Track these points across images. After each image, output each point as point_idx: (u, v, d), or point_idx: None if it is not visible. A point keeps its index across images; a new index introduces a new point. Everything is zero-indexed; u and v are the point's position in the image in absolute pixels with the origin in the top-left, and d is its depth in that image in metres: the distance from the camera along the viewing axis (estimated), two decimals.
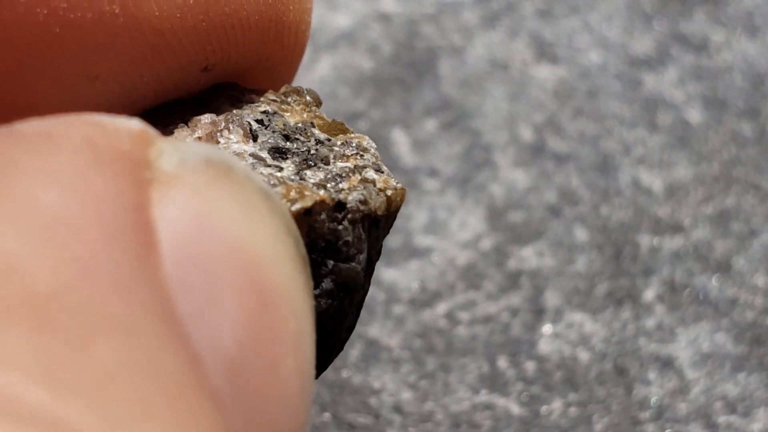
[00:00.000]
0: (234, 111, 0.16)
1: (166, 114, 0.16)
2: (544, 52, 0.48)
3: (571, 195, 0.42)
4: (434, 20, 0.50)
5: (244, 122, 0.15)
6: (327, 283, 0.15)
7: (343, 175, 0.15)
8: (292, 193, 0.14)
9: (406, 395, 0.35)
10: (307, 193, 0.14)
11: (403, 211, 0.41)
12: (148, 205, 0.11)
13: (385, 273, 0.39)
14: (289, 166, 0.15)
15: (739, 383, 0.36)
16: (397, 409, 0.35)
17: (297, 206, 0.14)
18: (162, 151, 0.12)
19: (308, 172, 0.15)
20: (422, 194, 0.42)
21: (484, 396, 0.35)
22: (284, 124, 0.16)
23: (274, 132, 0.16)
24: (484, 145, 0.44)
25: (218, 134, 0.15)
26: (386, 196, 0.15)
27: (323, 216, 0.14)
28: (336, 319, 0.16)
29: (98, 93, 0.15)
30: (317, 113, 0.17)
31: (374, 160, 0.16)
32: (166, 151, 0.12)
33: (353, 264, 0.15)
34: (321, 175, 0.15)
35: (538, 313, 0.38)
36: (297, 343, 0.12)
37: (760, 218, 0.41)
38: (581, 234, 0.40)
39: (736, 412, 0.35)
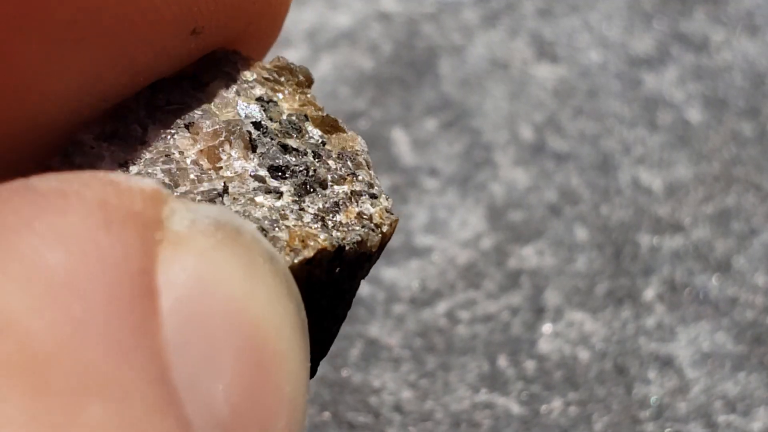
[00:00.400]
0: (230, 119, 0.16)
1: (166, 102, 0.16)
2: (545, 51, 0.48)
3: (572, 194, 0.42)
4: (434, 20, 0.50)
5: (244, 132, 0.15)
6: (319, 319, 0.15)
7: (341, 203, 0.15)
8: (296, 242, 0.14)
9: (406, 394, 0.35)
10: (310, 242, 0.14)
11: (403, 210, 0.41)
12: (154, 269, 0.11)
13: (385, 272, 0.39)
14: (288, 190, 0.15)
15: (739, 382, 0.36)
16: (397, 408, 0.35)
17: (300, 257, 0.14)
18: (174, 211, 0.12)
19: (307, 200, 0.15)
20: (422, 193, 0.42)
21: (484, 395, 0.35)
22: (280, 123, 0.16)
23: (272, 139, 0.16)
24: (484, 144, 0.44)
25: (220, 149, 0.15)
26: (382, 233, 0.16)
27: (324, 262, 0.15)
28: (326, 344, 0.16)
29: (85, 57, 0.14)
30: (308, 96, 0.17)
31: (368, 177, 0.16)
32: (178, 211, 0.12)
33: (343, 300, 0.16)
34: (319, 203, 0.15)
35: (538, 312, 0.38)
36: (290, 407, 0.12)
37: (761, 218, 0.41)
38: (581, 233, 0.41)
39: (736, 411, 0.35)
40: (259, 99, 0.17)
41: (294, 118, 0.16)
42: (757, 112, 0.46)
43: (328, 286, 0.15)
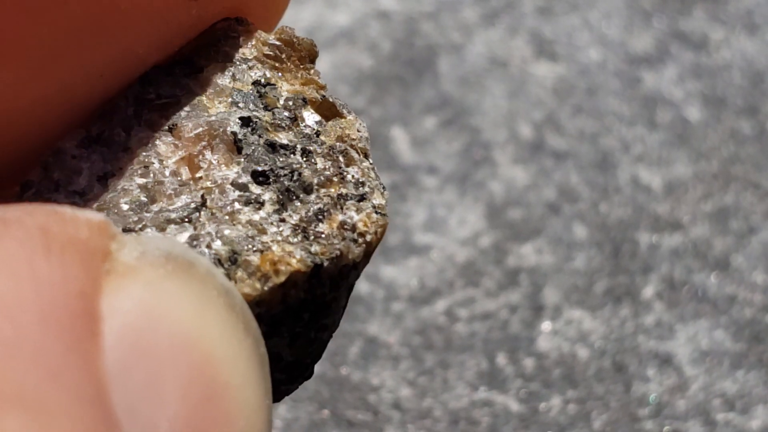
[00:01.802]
0: (215, 117, 0.15)
1: (156, 96, 0.15)
2: (544, 49, 0.48)
3: (571, 192, 0.42)
4: (433, 18, 0.50)
5: (228, 134, 0.15)
6: (303, 331, 0.15)
7: (325, 210, 0.15)
8: (267, 267, 0.14)
9: (405, 392, 0.35)
10: (281, 267, 0.14)
11: (402, 208, 0.41)
12: (98, 295, 0.11)
13: (384, 270, 0.39)
14: (270, 198, 0.15)
15: (738, 380, 0.36)
16: (396, 405, 0.35)
17: (270, 284, 0.14)
18: (123, 244, 0.11)
19: (288, 209, 0.15)
20: (421, 191, 0.42)
21: (482, 393, 0.36)
22: (274, 113, 0.16)
23: (260, 137, 0.15)
24: (483, 142, 0.44)
25: (200, 157, 0.15)
26: (366, 242, 0.15)
27: (299, 283, 0.14)
28: (315, 353, 0.16)
29: (70, 25, 0.13)
30: (311, 73, 0.16)
31: (359, 174, 0.15)
32: (128, 243, 0.12)
33: (329, 310, 0.15)
34: (301, 212, 0.15)
35: (537, 310, 0.38)
36: None
37: (759, 216, 0.41)
38: (580, 231, 0.41)
39: (735, 409, 0.35)
40: (255, 83, 0.16)
41: (291, 102, 0.16)
42: (755, 111, 0.46)
43: (308, 302, 0.15)
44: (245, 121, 0.15)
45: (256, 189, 0.15)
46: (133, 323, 0.11)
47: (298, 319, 0.15)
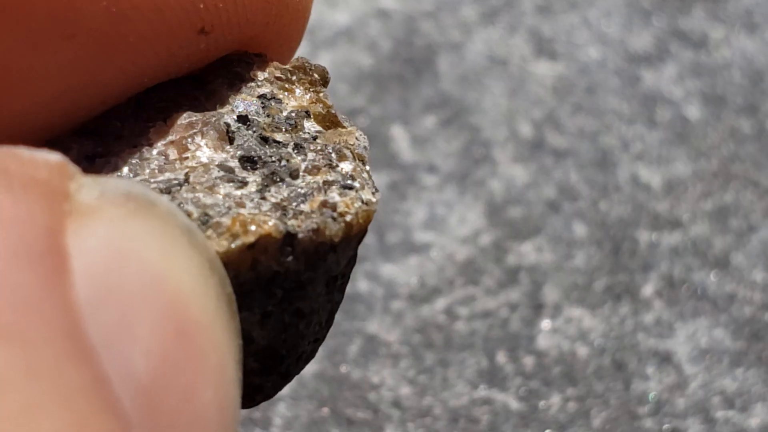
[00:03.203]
0: (214, 111, 0.15)
1: (158, 99, 0.15)
2: (543, 48, 0.48)
3: (570, 190, 0.42)
4: (433, 17, 0.50)
5: (221, 124, 0.15)
6: (276, 310, 0.15)
7: (308, 193, 0.15)
8: (236, 227, 0.14)
9: (405, 390, 0.35)
10: (251, 227, 0.14)
11: (402, 207, 0.41)
12: (63, 233, 0.11)
13: (383, 268, 0.39)
14: (254, 181, 0.14)
15: (737, 378, 0.36)
16: (396, 403, 0.35)
17: (238, 242, 0.13)
18: (82, 185, 0.11)
19: (272, 189, 0.14)
20: (421, 190, 0.42)
21: (482, 391, 0.36)
22: (273, 119, 0.15)
23: (254, 132, 0.15)
24: (483, 141, 0.44)
25: (188, 140, 0.15)
26: (345, 222, 0.14)
27: (270, 249, 0.14)
28: (290, 342, 0.15)
29: (77, 55, 0.14)
30: (321, 95, 0.16)
31: (351, 170, 0.15)
32: (87, 184, 0.11)
33: (304, 292, 0.15)
34: (284, 193, 0.14)
35: (537, 308, 0.38)
36: (217, 377, 0.11)
37: (759, 214, 0.41)
38: (580, 229, 0.41)
39: (734, 407, 0.35)
40: (261, 96, 0.16)
41: (294, 114, 0.16)
42: (755, 109, 0.46)
43: (281, 276, 0.14)
44: (242, 119, 0.15)
45: (242, 173, 0.15)
46: (100, 262, 0.11)
47: (270, 295, 0.14)
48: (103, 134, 0.15)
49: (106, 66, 0.14)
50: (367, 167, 0.16)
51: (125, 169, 0.14)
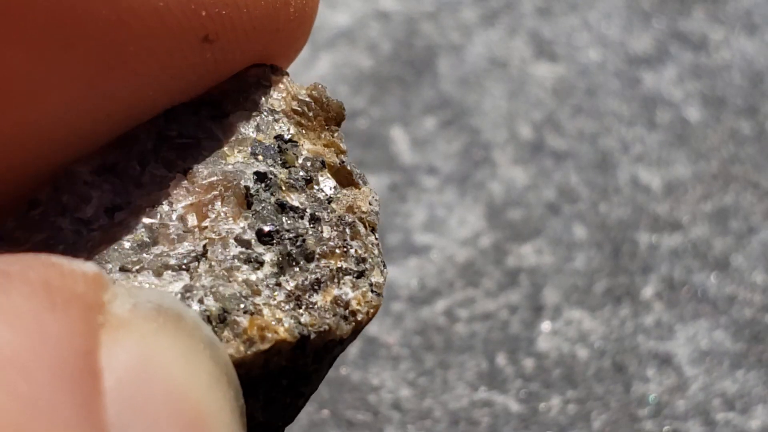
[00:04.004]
0: (233, 170, 0.15)
1: (178, 134, 0.15)
2: (543, 50, 0.48)
3: (570, 193, 0.42)
4: (433, 18, 0.50)
5: (241, 187, 0.15)
6: (279, 396, 0.15)
7: (322, 281, 0.15)
8: (254, 332, 0.14)
9: (405, 392, 0.35)
10: (268, 334, 0.14)
11: (402, 209, 0.41)
12: (97, 350, 0.11)
13: None
14: (270, 260, 0.15)
15: (738, 380, 0.36)
16: (396, 406, 0.35)
17: (253, 349, 0.14)
18: (116, 296, 0.12)
19: (287, 274, 0.15)
20: (421, 192, 0.42)
21: (482, 393, 0.36)
22: (290, 172, 0.16)
23: (272, 195, 0.15)
24: (483, 143, 0.44)
25: (210, 206, 0.15)
26: (355, 321, 0.15)
27: (283, 351, 0.14)
28: (288, 416, 0.16)
29: (76, 63, 0.13)
30: (335, 136, 0.17)
31: (362, 250, 0.16)
32: (120, 295, 0.12)
33: (308, 380, 0.15)
34: (299, 279, 0.15)
35: (537, 310, 0.38)
36: None
37: (759, 216, 0.41)
38: (580, 231, 0.41)
39: (735, 409, 0.35)
40: (278, 137, 0.16)
41: (309, 163, 0.16)
42: (755, 111, 0.46)
43: (289, 370, 0.15)
44: (260, 177, 0.16)
45: (258, 248, 0.15)
46: (129, 378, 0.12)
47: (276, 385, 0.15)
48: (122, 177, 0.15)
49: (108, 74, 0.14)
50: (376, 236, 0.16)
51: (146, 237, 0.15)
